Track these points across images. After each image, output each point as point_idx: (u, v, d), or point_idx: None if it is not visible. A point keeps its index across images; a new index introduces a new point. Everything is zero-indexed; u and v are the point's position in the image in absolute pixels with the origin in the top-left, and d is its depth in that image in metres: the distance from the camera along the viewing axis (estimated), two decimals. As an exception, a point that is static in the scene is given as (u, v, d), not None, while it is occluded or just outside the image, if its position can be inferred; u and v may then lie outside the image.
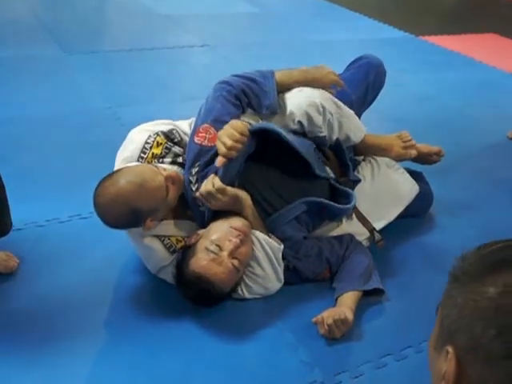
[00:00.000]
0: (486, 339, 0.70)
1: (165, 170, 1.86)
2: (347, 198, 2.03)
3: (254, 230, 1.85)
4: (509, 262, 0.74)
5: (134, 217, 1.78)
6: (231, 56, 4.21)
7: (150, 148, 1.96)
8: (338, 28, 5.15)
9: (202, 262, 1.73)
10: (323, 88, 2.11)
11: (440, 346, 0.77)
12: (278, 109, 2.05)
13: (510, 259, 0.74)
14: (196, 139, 1.91)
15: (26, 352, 1.65)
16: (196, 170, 1.89)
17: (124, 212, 1.76)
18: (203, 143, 1.90)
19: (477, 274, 0.75)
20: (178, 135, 2.04)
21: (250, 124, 1.91)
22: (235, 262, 1.74)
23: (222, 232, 1.78)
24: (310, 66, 2.18)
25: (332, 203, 1.97)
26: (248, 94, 1.99)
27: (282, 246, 1.87)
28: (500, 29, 5.31)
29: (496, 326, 0.70)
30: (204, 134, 1.91)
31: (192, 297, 1.80)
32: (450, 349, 0.74)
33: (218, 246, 1.75)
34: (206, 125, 1.92)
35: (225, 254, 1.73)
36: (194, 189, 1.88)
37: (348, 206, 2.00)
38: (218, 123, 1.90)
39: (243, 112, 2.01)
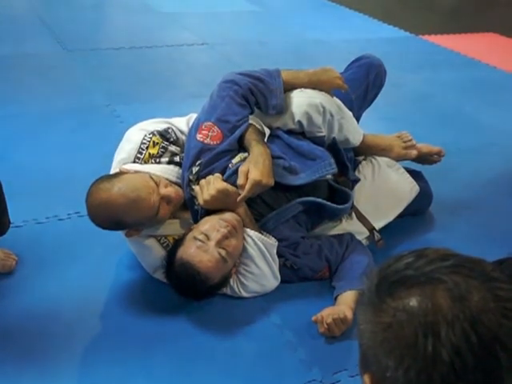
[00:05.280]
0: (389, 371, 0.66)
1: (166, 186, 1.85)
2: (346, 197, 2.02)
3: (246, 229, 1.84)
4: (404, 282, 0.69)
5: (117, 226, 1.82)
6: (231, 54, 4.20)
7: (147, 148, 1.95)
8: (338, 27, 5.14)
9: (188, 249, 1.75)
10: (326, 91, 2.09)
11: (362, 373, 0.73)
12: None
13: (405, 279, 0.69)
14: (198, 137, 1.91)
15: (24, 347, 1.65)
16: (197, 169, 1.89)
17: (108, 219, 1.79)
18: (205, 141, 1.90)
19: (375, 299, 0.70)
20: (173, 134, 2.02)
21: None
22: (222, 251, 1.74)
23: (211, 223, 1.79)
24: (314, 67, 2.14)
25: (328, 203, 1.97)
26: (255, 94, 1.96)
27: (276, 242, 1.87)
28: (499, 28, 5.31)
29: (394, 357, 0.65)
30: (207, 132, 1.90)
31: (178, 285, 1.80)
32: (366, 378, 0.71)
33: (206, 235, 1.76)
34: (209, 123, 1.91)
35: (212, 243, 1.74)
36: (193, 187, 1.87)
37: (345, 205, 2.00)
38: (222, 123, 1.90)
39: (251, 112, 1.99)
